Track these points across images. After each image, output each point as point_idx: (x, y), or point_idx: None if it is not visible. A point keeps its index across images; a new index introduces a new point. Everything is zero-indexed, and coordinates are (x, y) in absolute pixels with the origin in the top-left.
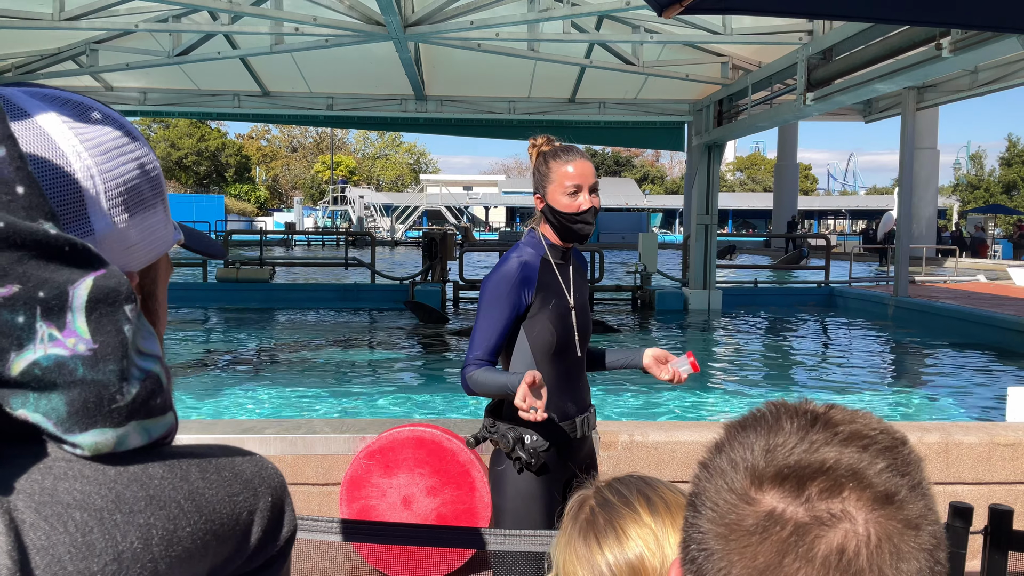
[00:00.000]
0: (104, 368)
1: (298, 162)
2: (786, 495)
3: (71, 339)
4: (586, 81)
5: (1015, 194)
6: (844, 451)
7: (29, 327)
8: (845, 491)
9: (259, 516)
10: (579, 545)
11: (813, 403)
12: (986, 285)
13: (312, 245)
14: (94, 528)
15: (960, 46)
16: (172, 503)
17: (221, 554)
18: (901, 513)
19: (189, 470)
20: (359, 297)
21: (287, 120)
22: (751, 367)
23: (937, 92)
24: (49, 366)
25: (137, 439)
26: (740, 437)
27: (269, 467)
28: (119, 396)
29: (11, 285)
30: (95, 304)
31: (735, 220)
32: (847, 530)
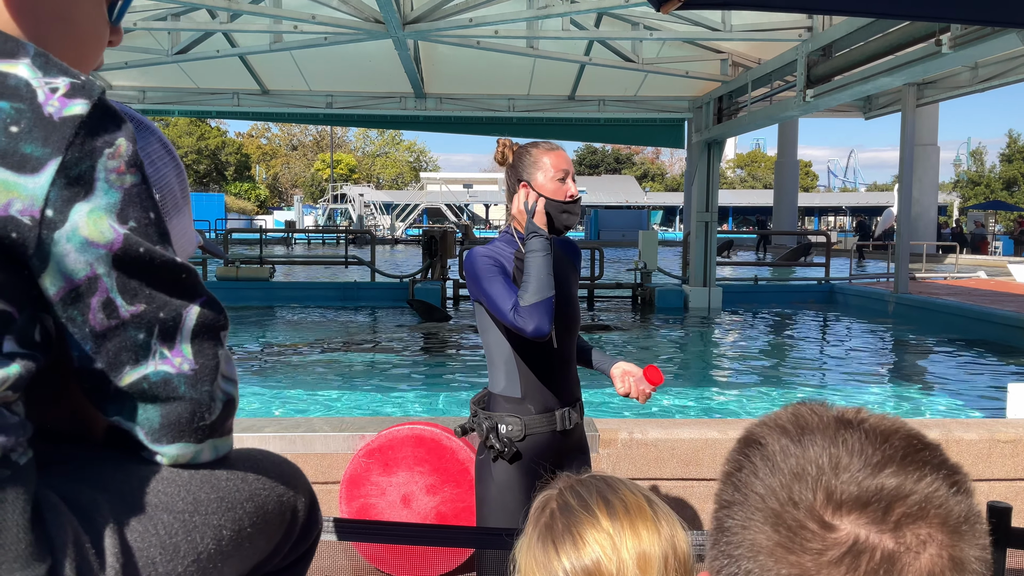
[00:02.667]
0: (200, 388)
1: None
2: (869, 521)
3: (178, 359)
4: (586, 78)
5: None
6: (916, 472)
7: (146, 344)
8: (928, 516)
9: (300, 515)
10: (537, 550)
11: (848, 410)
12: (986, 281)
13: (312, 244)
14: (179, 531)
15: (960, 42)
16: (238, 505)
17: (269, 546)
18: (972, 532)
19: (247, 473)
20: (359, 296)
21: (286, 118)
22: (752, 364)
23: (937, 88)
24: (156, 381)
25: (208, 456)
26: (797, 448)
27: (299, 471)
28: (207, 415)
29: (139, 304)
30: (200, 329)
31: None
32: (933, 556)
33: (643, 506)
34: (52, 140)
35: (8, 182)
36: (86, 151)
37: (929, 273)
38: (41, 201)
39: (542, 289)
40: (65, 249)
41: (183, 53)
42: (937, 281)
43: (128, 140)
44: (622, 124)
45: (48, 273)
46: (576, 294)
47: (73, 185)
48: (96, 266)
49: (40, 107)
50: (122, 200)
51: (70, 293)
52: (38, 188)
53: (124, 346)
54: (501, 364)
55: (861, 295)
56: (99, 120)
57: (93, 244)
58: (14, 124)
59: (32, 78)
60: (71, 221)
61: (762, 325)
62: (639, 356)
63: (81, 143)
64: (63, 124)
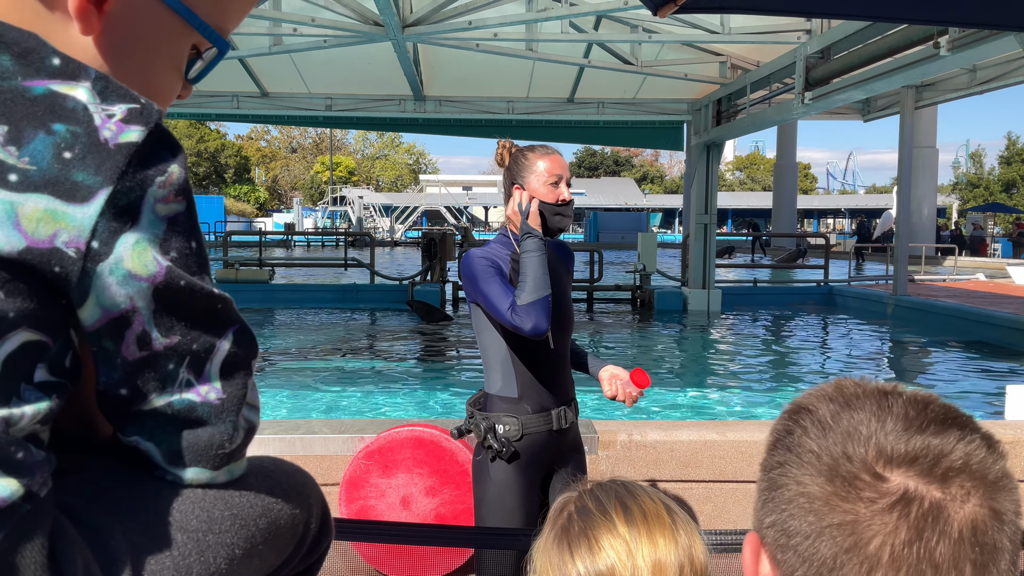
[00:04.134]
0: (226, 418)
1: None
2: (917, 474)
3: (204, 387)
4: (585, 81)
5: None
6: (956, 432)
7: (175, 373)
8: (970, 471)
9: (312, 526)
10: (553, 552)
11: (886, 383)
12: (985, 284)
13: (311, 246)
14: (192, 552)
15: (958, 44)
16: (251, 522)
17: (278, 561)
18: (1008, 490)
19: (260, 488)
20: (358, 298)
21: (286, 121)
22: (751, 366)
23: (935, 91)
24: (181, 408)
25: (223, 479)
26: (850, 413)
27: (312, 479)
28: (227, 444)
29: (174, 336)
30: (232, 359)
31: (734, 220)
32: (975, 506)
33: (662, 513)
34: (105, 168)
35: (56, 212)
36: (137, 180)
37: (928, 275)
38: (88, 233)
39: (539, 288)
40: (107, 282)
41: None
42: (936, 283)
43: (181, 167)
44: (621, 126)
45: (87, 305)
46: (569, 295)
47: (121, 216)
48: (136, 299)
49: (96, 131)
50: (166, 230)
51: (108, 325)
52: (87, 219)
53: (153, 376)
54: (497, 365)
55: (860, 297)
56: (153, 147)
57: (136, 277)
58: (68, 150)
59: (90, 102)
60: (116, 253)
61: (761, 327)
62: (638, 358)
63: (134, 172)
64: (117, 151)
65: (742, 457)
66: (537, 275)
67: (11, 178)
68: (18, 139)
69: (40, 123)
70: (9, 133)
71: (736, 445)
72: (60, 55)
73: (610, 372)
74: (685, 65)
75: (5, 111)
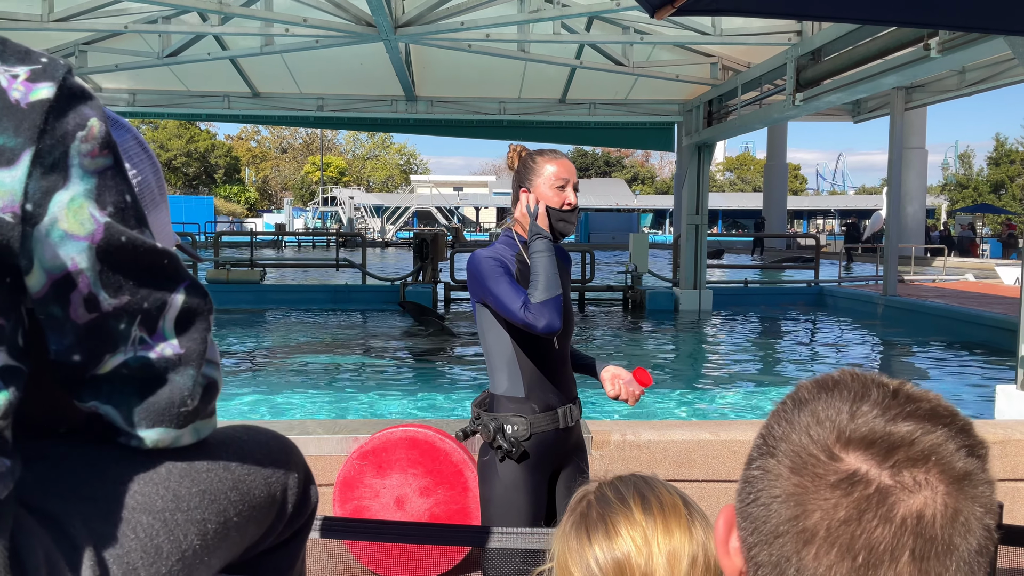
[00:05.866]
0: (184, 372)
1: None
2: (871, 458)
3: (160, 344)
4: (576, 82)
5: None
6: (928, 426)
7: (127, 333)
8: (929, 463)
9: (291, 493)
10: (571, 538)
11: (887, 377)
12: (975, 284)
13: (302, 246)
14: (160, 531)
15: (948, 47)
16: (221, 495)
17: (259, 531)
18: (974, 491)
19: (230, 460)
20: (350, 298)
21: (277, 121)
22: (743, 366)
23: (925, 92)
24: (136, 367)
25: (189, 439)
26: (826, 398)
27: (291, 445)
28: (189, 400)
29: (123, 296)
30: (186, 314)
31: (725, 220)
32: (927, 498)
33: (678, 505)
34: (23, 129)
35: None
36: (58, 136)
37: (917, 276)
38: (20, 195)
39: (551, 287)
40: (46, 244)
41: (174, 56)
42: (925, 283)
43: (99, 119)
44: (612, 127)
45: (32, 272)
46: (569, 296)
47: (49, 174)
48: (78, 260)
49: (5, 93)
50: (98, 185)
51: (52, 289)
52: (16, 182)
53: (105, 337)
54: (503, 365)
55: (850, 297)
56: (68, 102)
57: (74, 237)
58: None
59: None
60: (51, 214)
61: (752, 327)
62: (631, 357)
63: (52, 128)
64: (32, 110)
65: (735, 457)
66: (549, 274)
67: None
68: None
69: None
70: None
71: (729, 445)
72: None
73: (611, 372)
74: (676, 66)
75: None
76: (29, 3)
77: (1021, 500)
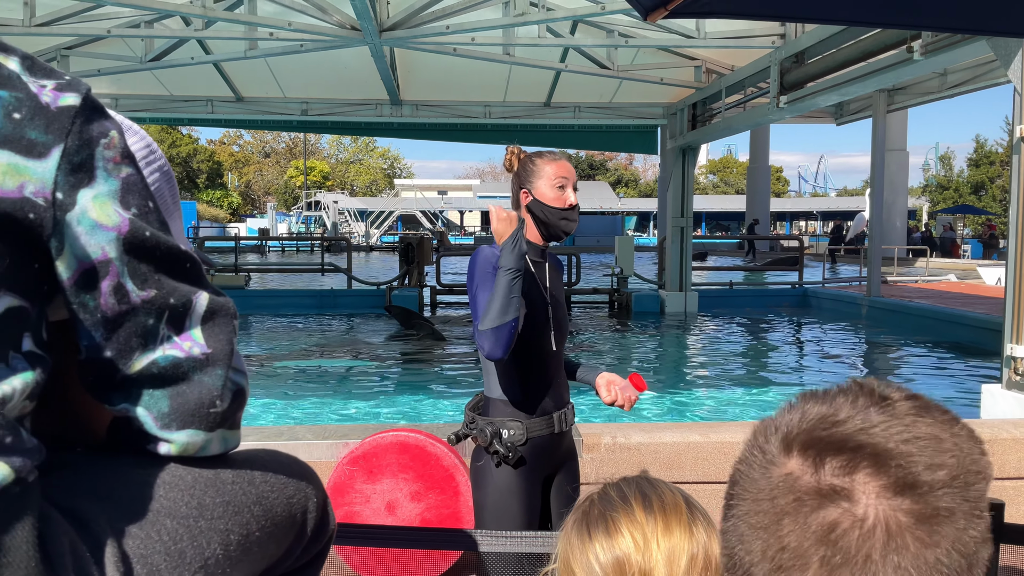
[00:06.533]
0: (213, 372)
1: (271, 167)
2: (805, 464)
3: (187, 343)
4: (561, 85)
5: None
6: (878, 435)
7: (155, 329)
8: (858, 472)
9: (311, 516)
10: (574, 535)
11: (893, 386)
12: (957, 284)
13: (286, 251)
14: (183, 537)
15: (931, 49)
16: (244, 508)
17: (279, 551)
18: (915, 507)
19: (254, 475)
20: (336, 303)
21: (260, 125)
22: (730, 368)
23: (907, 94)
24: (165, 365)
25: (217, 447)
26: (796, 405)
27: (311, 470)
28: (218, 402)
29: (150, 289)
30: (211, 315)
31: (708, 223)
32: (845, 509)
33: (680, 505)
34: (53, 128)
35: (19, 166)
36: (84, 140)
37: (900, 276)
38: (51, 184)
39: (504, 312)
40: (77, 231)
41: (157, 60)
42: (909, 284)
43: (119, 133)
44: (596, 130)
45: (63, 256)
46: (563, 300)
47: (76, 172)
48: (108, 249)
49: (37, 96)
50: (121, 188)
51: (83, 276)
52: (47, 172)
53: (134, 332)
54: (498, 368)
55: (835, 299)
56: (91, 112)
57: (102, 226)
58: (16, 111)
59: (22, 73)
60: (80, 204)
61: (738, 329)
62: (618, 359)
63: (79, 132)
64: (60, 113)
65: (725, 458)
66: (504, 297)
67: None
68: None
69: None
70: None
71: (719, 446)
72: None
73: (606, 378)
74: (661, 69)
75: None
76: (11, 7)
77: (1009, 498)
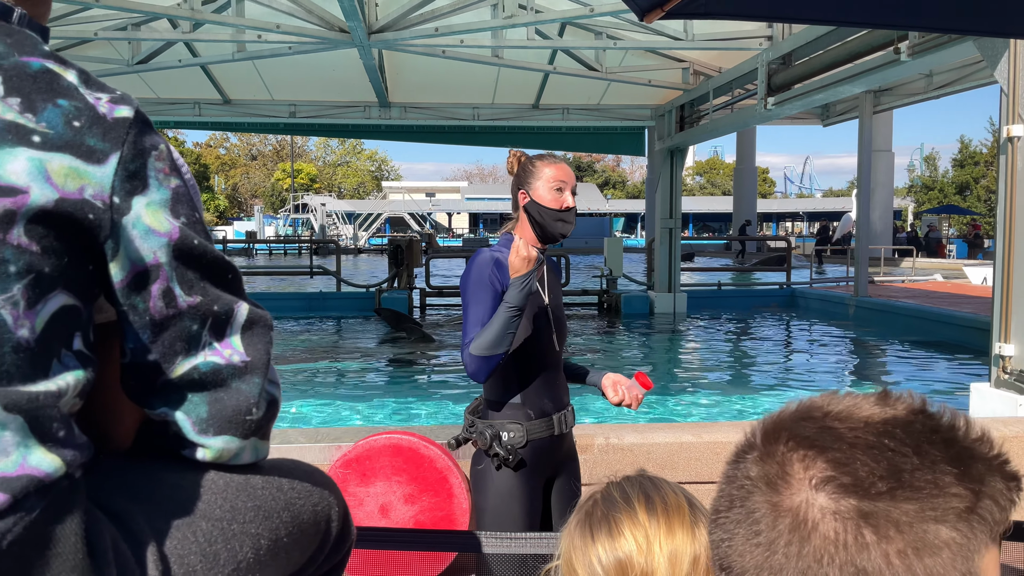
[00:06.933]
0: (250, 381)
1: (258, 170)
2: (759, 456)
3: (227, 350)
4: (550, 87)
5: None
6: (831, 430)
7: (198, 335)
8: (794, 466)
9: (334, 524)
10: (577, 535)
11: (917, 397)
12: (943, 284)
13: (274, 254)
14: (218, 539)
15: (918, 50)
16: (274, 514)
17: (303, 558)
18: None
19: (281, 482)
20: (325, 306)
21: (248, 128)
22: (720, 368)
23: (893, 95)
24: (206, 371)
25: (249, 456)
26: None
27: (332, 482)
28: (254, 410)
29: (196, 296)
30: (251, 324)
31: (695, 224)
32: (770, 499)
33: (683, 506)
34: (110, 136)
35: (80, 169)
36: (138, 150)
37: (887, 276)
38: (109, 188)
39: (497, 344)
40: (132, 235)
41: (144, 63)
42: (895, 284)
43: (167, 146)
44: (584, 132)
45: (118, 258)
46: (562, 303)
47: (131, 179)
48: (159, 254)
49: (94, 107)
50: (172, 197)
51: (135, 279)
52: (105, 177)
53: (178, 336)
54: (498, 371)
55: (822, 299)
56: (143, 125)
57: (155, 232)
58: (76, 120)
59: (79, 85)
60: (134, 210)
61: (728, 329)
62: (609, 360)
63: (133, 142)
64: (116, 124)
65: (718, 458)
66: (499, 332)
67: (35, 139)
68: (32, 108)
69: (47, 96)
70: (23, 103)
71: (711, 446)
72: (47, 45)
73: (612, 379)
74: (649, 71)
75: (14, 85)
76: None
77: None
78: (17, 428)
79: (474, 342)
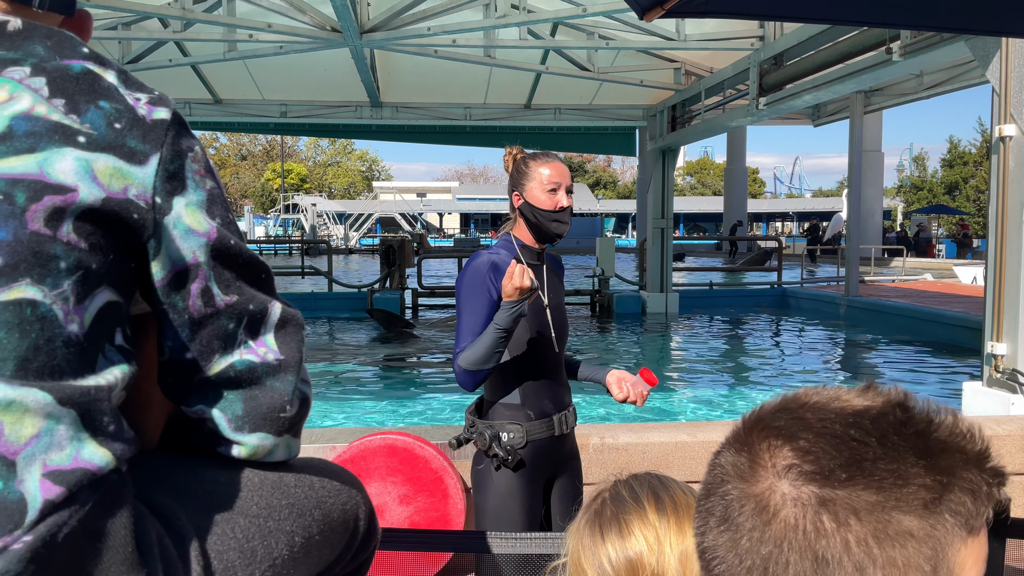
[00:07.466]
0: (284, 379)
1: (247, 170)
2: (737, 444)
3: (262, 348)
4: (541, 87)
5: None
6: (801, 420)
7: (234, 334)
8: (763, 455)
9: (361, 523)
10: (585, 535)
11: (901, 396)
12: (934, 284)
13: (265, 255)
14: (255, 535)
15: (910, 50)
16: (307, 512)
17: (332, 556)
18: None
19: (312, 480)
20: (317, 306)
21: (238, 128)
22: (713, 368)
23: (883, 96)
24: (242, 369)
25: (282, 453)
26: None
27: (358, 481)
28: (288, 407)
29: (233, 295)
30: (284, 323)
31: (686, 224)
32: (739, 487)
33: (692, 506)
34: (150, 138)
35: (123, 170)
36: (176, 151)
37: (877, 276)
38: (151, 189)
39: (484, 360)
40: (173, 234)
41: (134, 63)
42: (886, 284)
43: (201, 148)
44: (576, 132)
45: (159, 257)
46: (563, 303)
47: (171, 180)
48: (198, 253)
49: (133, 109)
50: (208, 198)
51: (176, 277)
52: (147, 177)
53: (215, 334)
54: (498, 371)
55: (813, 298)
56: (180, 127)
57: (195, 232)
58: (116, 121)
59: (119, 85)
60: (175, 210)
61: (720, 329)
62: (602, 359)
63: (172, 143)
64: (155, 126)
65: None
66: (488, 351)
67: (80, 139)
68: (76, 109)
69: (89, 98)
70: (67, 104)
71: (706, 446)
72: (87, 45)
73: (616, 376)
74: (640, 71)
75: (58, 87)
76: None
77: None
78: (71, 422)
79: (463, 355)
